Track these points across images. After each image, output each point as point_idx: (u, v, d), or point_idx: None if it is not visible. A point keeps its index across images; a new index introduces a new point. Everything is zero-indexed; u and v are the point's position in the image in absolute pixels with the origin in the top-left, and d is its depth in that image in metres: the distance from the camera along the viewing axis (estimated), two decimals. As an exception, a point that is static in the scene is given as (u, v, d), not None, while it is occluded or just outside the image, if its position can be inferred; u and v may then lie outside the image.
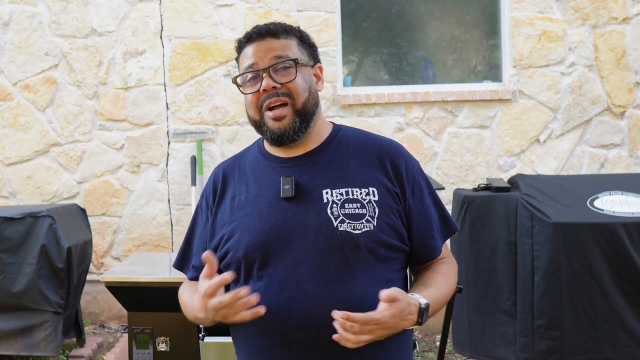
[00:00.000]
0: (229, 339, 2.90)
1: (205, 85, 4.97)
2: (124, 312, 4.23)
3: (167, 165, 4.98)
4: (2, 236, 3.84)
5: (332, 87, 4.94)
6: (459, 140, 4.94)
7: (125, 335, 4.08)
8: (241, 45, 1.67)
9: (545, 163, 4.95)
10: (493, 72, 5.13)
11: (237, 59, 1.70)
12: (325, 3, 4.88)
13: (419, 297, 1.52)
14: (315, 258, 1.54)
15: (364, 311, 1.42)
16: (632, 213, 3.33)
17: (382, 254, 1.57)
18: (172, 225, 4.98)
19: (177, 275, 3.16)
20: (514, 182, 3.63)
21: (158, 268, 3.61)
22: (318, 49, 1.75)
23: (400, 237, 1.61)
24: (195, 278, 1.73)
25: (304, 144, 1.65)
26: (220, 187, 1.71)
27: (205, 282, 1.46)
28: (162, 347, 3.16)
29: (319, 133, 1.68)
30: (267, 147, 1.70)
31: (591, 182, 3.67)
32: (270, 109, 1.59)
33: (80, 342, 4.31)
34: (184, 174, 4.97)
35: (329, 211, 1.56)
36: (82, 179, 5.02)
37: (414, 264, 1.70)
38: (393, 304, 1.43)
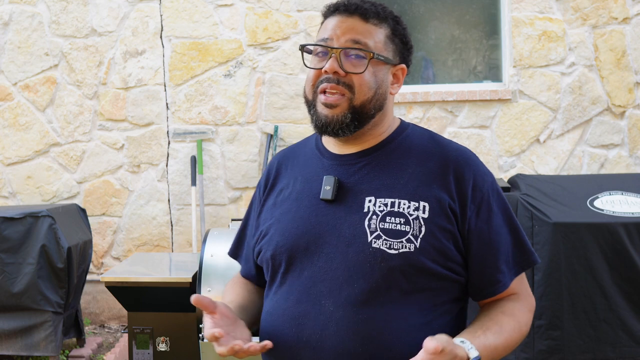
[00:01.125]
0: (229, 339, 2.91)
1: (205, 85, 4.97)
2: (124, 312, 4.24)
3: (167, 165, 4.98)
4: (2, 236, 3.84)
5: (332, 87, 4.93)
6: (459, 140, 4.94)
7: (125, 335, 4.07)
8: (327, 13, 1.49)
9: (545, 163, 4.95)
10: (493, 72, 5.13)
11: (321, 24, 1.52)
12: (325, 3, 4.87)
13: (470, 348, 1.26)
14: (341, 273, 1.35)
15: (379, 347, 1.28)
16: (632, 213, 3.33)
17: (422, 281, 1.35)
18: (172, 225, 4.98)
19: (177, 275, 3.16)
20: (514, 182, 3.63)
21: (158, 268, 3.61)
22: (410, 49, 1.52)
23: (450, 265, 1.37)
24: (245, 274, 1.63)
25: (361, 140, 1.45)
26: (273, 178, 1.58)
27: (208, 322, 1.30)
28: (162, 347, 3.16)
29: (379, 131, 1.46)
30: (324, 139, 1.52)
31: (591, 182, 3.67)
32: (324, 92, 1.40)
33: (80, 342, 4.31)
34: (184, 174, 4.97)
35: (366, 222, 1.36)
36: (82, 179, 5.02)
37: (475, 297, 1.46)
38: (435, 357, 1.18)
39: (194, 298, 1.30)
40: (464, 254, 1.39)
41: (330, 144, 1.50)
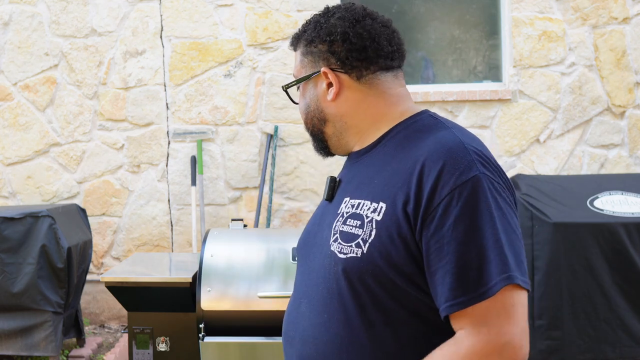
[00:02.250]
0: (229, 339, 2.92)
1: (205, 85, 4.97)
2: (124, 312, 4.23)
3: (167, 165, 4.98)
4: (2, 236, 3.84)
5: (332, 87, 4.94)
6: (459, 140, 4.93)
7: (125, 335, 4.07)
8: None
9: (545, 163, 4.95)
10: (493, 72, 5.13)
11: None
12: (325, 3, 4.87)
13: None
14: (313, 275, 1.33)
15: (332, 354, 1.25)
16: (632, 213, 3.33)
17: (372, 290, 1.22)
18: (172, 225, 4.98)
19: (177, 275, 3.16)
20: (514, 182, 3.63)
21: (158, 268, 3.61)
22: (338, 39, 1.37)
23: (403, 274, 1.20)
24: None
25: (362, 142, 1.39)
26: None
27: None
28: (162, 347, 3.16)
29: (369, 132, 1.37)
30: None
31: (591, 182, 3.67)
32: None
33: (80, 342, 4.31)
34: (184, 174, 4.97)
35: (334, 224, 1.31)
36: (82, 179, 5.02)
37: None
38: None
39: None
40: (421, 264, 1.19)
41: None
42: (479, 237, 1.15)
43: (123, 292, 3.16)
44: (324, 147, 1.44)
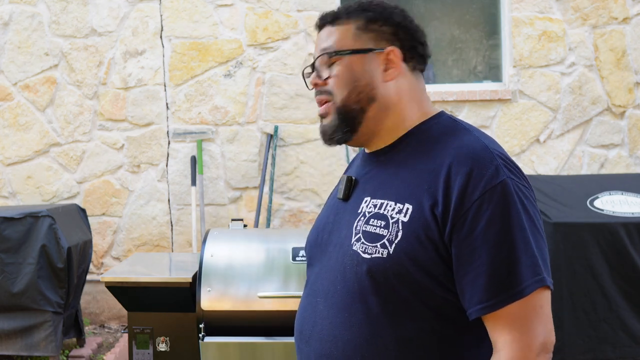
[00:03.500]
0: (229, 339, 2.92)
1: (205, 85, 4.97)
2: (124, 312, 4.23)
3: (167, 165, 4.98)
4: (2, 236, 3.84)
5: (332, 87, 4.94)
6: (459, 140, 4.94)
7: (125, 335, 4.07)
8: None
9: (545, 163, 4.95)
10: (493, 72, 5.13)
11: None
12: (325, 3, 4.88)
13: None
14: (332, 274, 1.33)
15: (355, 353, 1.25)
16: (632, 213, 3.33)
17: (397, 291, 1.23)
18: (172, 225, 4.98)
19: (177, 275, 3.16)
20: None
21: (158, 268, 3.60)
22: (400, 28, 1.43)
23: (431, 275, 1.22)
24: None
25: (378, 138, 1.38)
26: (345, 172, 1.55)
27: None
28: (162, 347, 3.16)
29: (392, 124, 1.37)
30: None
31: (591, 182, 3.67)
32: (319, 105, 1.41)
33: (80, 342, 4.31)
34: (184, 174, 4.97)
35: (355, 224, 1.31)
36: (82, 179, 5.02)
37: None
38: None
39: None
40: (450, 265, 1.21)
41: None
42: (510, 239, 1.18)
43: (123, 292, 3.16)
44: (352, 130, 1.36)
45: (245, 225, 3.44)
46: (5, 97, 5.03)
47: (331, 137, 1.38)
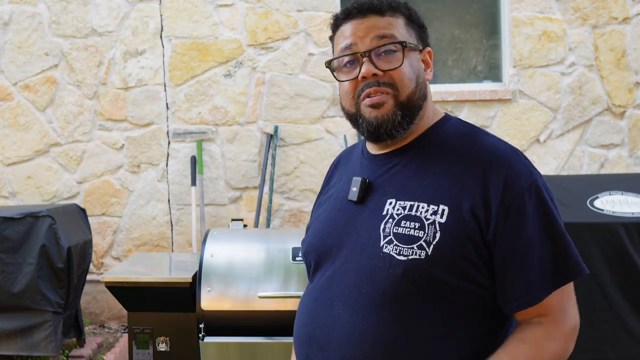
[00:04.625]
0: (228, 339, 2.92)
1: (205, 85, 4.97)
2: (124, 312, 4.24)
3: (167, 165, 4.98)
4: (2, 236, 3.84)
5: (332, 86, 4.94)
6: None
7: (125, 335, 4.07)
8: (337, 22, 1.40)
9: (545, 163, 4.95)
10: (493, 72, 5.13)
11: (331, 38, 1.44)
12: (325, 3, 4.88)
13: None
14: (352, 277, 1.30)
15: (382, 357, 1.23)
16: (632, 213, 3.33)
17: (434, 291, 1.24)
18: (172, 225, 4.98)
19: (177, 275, 3.16)
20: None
21: (158, 268, 3.61)
22: (426, 31, 1.44)
23: (470, 275, 1.24)
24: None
25: (406, 137, 1.38)
26: (328, 177, 1.55)
27: None
28: (162, 347, 3.16)
29: (419, 127, 1.38)
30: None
31: (591, 182, 3.67)
32: (369, 96, 1.33)
33: (80, 342, 4.31)
34: (184, 174, 4.97)
35: (381, 226, 1.29)
36: (82, 179, 5.02)
37: (505, 309, 1.29)
38: None
39: None
40: (489, 263, 1.25)
41: (369, 143, 1.44)
42: (556, 230, 1.27)
43: (123, 292, 3.16)
44: (408, 125, 1.34)
45: (245, 225, 3.44)
46: (5, 97, 5.03)
47: (387, 129, 1.33)
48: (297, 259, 2.97)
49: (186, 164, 4.96)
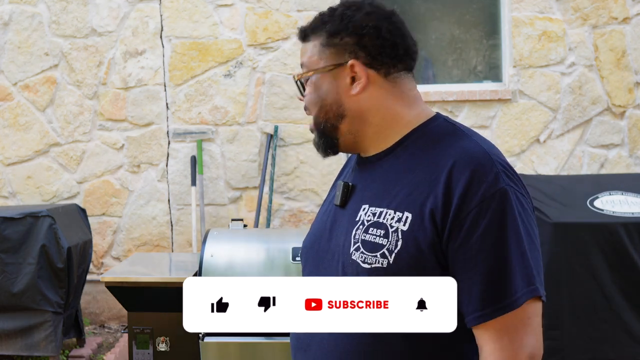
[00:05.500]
0: (228, 339, 2.92)
1: (205, 85, 4.97)
2: (124, 312, 4.23)
3: (167, 165, 4.98)
4: (2, 236, 3.84)
5: (332, 87, 4.94)
6: (459, 140, 4.93)
7: (125, 335, 4.07)
8: None
9: (545, 163, 4.95)
10: (493, 72, 5.13)
11: None
12: (325, 3, 4.87)
13: None
14: None
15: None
16: (632, 213, 3.33)
17: None
18: (172, 225, 4.98)
19: (177, 275, 3.17)
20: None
21: (158, 268, 3.61)
22: (370, 33, 1.33)
23: None
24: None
25: (372, 145, 1.36)
26: (336, 178, 1.54)
27: None
28: (162, 347, 3.16)
29: (389, 132, 1.34)
30: None
31: (591, 182, 3.67)
32: None
33: (80, 342, 4.31)
34: (184, 174, 4.97)
35: (353, 232, 1.29)
36: (82, 179, 5.02)
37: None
38: None
39: None
40: (448, 272, 1.21)
41: None
42: (505, 249, 1.17)
43: (123, 292, 3.16)
44: (332, 145, 1.36)
45: (245, 225, 3.44)
46: (5, 97, 5.03)
47: (319, 151, 1.39)
48: (297, 259, 2.97)
49: (186, 164, 4.97)
